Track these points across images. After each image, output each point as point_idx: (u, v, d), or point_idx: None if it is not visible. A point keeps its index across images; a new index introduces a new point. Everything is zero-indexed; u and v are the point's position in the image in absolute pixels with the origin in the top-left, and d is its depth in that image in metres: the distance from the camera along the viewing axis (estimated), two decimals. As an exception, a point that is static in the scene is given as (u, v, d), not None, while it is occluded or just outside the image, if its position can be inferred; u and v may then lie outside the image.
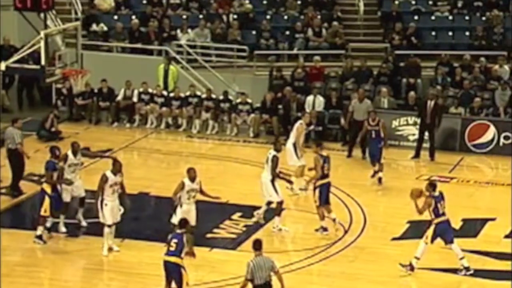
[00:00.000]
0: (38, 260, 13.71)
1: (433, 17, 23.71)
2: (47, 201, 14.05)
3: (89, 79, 20.35)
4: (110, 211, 13.48)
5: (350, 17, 24.06)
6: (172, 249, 11.63)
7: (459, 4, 23.87)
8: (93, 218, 14.34)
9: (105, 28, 22.61)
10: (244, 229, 14.98)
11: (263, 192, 14.79)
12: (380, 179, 17.13)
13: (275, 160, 14.65)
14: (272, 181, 14.66)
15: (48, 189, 14.12)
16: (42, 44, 17.04)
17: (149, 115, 21.10)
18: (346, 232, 14.91)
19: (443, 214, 13.20)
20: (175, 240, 11.67)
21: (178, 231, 11.81)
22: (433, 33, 23.28)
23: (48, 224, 14.26)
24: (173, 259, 11.60)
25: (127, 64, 21.81)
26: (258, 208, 15.22)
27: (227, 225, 15.10)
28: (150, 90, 21.22)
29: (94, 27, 22.60)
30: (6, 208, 15.83)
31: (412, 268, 13.29)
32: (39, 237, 14.07)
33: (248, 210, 15.55)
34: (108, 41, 22.70)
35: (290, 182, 15.26)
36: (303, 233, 14.95)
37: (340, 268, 13.63)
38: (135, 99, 21.19)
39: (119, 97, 21.26)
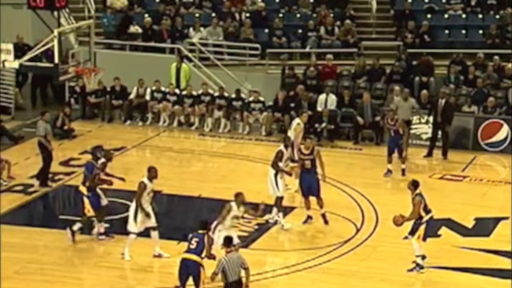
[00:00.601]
0: (51, 257, 13.76)
1: (446, 15, 23.62)
2: (86, 201, 14.04)
3: (102, 77, 20.41)
4: (144, 218, 13.31)
5: (363, 15, 24.02)
6: (192, 247, 11.63)
7: (473, 2, 23.76)
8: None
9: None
10: (256, 227, 15.00)
11: (268, 187, 14.83)
12: (403, 170, 17.52)
13: (279, 154, 14.80)
14: (276, 176, 14.71)
15: (84, 190, 14.08)
16: (55, 42, 17.11)
17: (161, 113, 21.14)
18: (358, 230, 14.91)
19: (430, 210, 13.28)
20: (196, 239, 11.66)
21: (200, 231, 11.78)
22: (446, 31, 23.19)
23: (101, 229, 14.21)
24: (193, 257, 11.59)
25: (140, 62, 21.86)
26: (270, 206, 15.26)
27: (239, 223, 15.07)
28: (162, 89, 21.26)
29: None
30: (19, 205, 15.92)
31: (421, 267, 13.28)
32: (73, 232, 13.99)
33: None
34: (120, 39, 22.78)
35: (289, 174, 15.26)
36: (315, 231, 14.95)
37: (352, 266, 13.62)
38: (147, 97, 21.23)
39: (132, 95, 21.31)
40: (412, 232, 13.29)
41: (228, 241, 11.41)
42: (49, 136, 16.64)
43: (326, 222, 14.94)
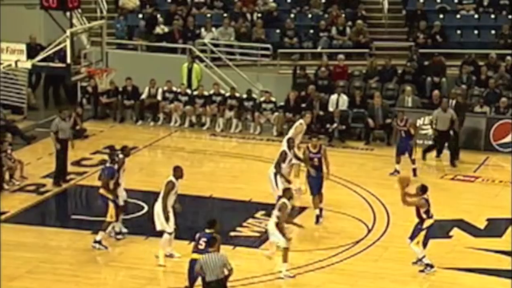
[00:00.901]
0: (63, 257, 13.81)
1: (458, 16, 23.56)
2: (111, 206, 13.84)
3: (114, 78, 20.47)
4: (172, 218, 13.34)
5: (375, 16, 23.98)
6: (201, 247, 11.58)
7: (485, 3, 23.69)
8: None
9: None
10: (267, 227, 14.98)
11: (268, 186, 14.97)
12: (414, 171, 17.39)
13: (282, 155, 14.96)
14: (275, 175, 14.83)
15: (109, 194, 13.88)
16: (67, 42, 17.18)
17: (173, 113, 21.18)
18: (369, 231, 14.89)
19: (432, 216, 13.28)
20: (204, 239, 11.61)
21: (207, 230, 11.72)
22: (459, 31, 23.13)
23: (117, 229, 14.19)
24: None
25: (152, 62, 21.91)
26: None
27: (251, 224, 15.13)
28: (174, 89, 21.30)
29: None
30: (32, 205, 15.99)
31: (431, 266, 13.27)
32: (99, 242, 13.89)
33: (271, 209, 15.54)
34: (132, 40, 22.84)
35: (288, 182, 15.29)
36: (327, 232, 14.94)
37: (364, 267, 13.60)
38: (159, 97, 21.28)
39: (144, 96, 21.37)
40: (412, 237, 13.29)
41: (212, 240, 11.36)
42: (61, 133, 16.65)
43: (320, 216, 15.04)
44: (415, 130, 17.73)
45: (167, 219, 13.31)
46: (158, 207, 13.42)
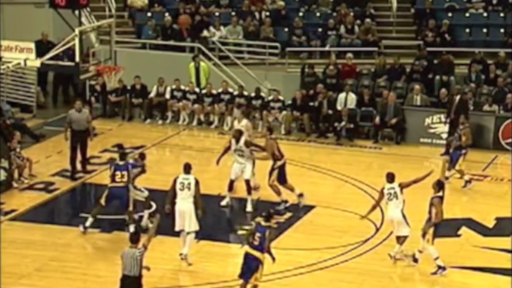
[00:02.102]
0: (71, 255, 13.86)
1: (467, 14, 23.51)
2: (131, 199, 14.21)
3: (122, 76, 20.49)
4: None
5: (383, 14, 23.96)
6: (256, 243, 11.55)
7: (494, 1, 23.64)
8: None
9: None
10: (275, 226, 14.99)
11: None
12: (447, 178, 16.79)
13: (227, 144, 15.90)
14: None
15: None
16: (76, 41, 17.21)
17: (181, 112, 21.21)
18: (377, 230, 14.88)
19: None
20: (258, 234, 11.56)
21: (263, 223, 11.63)
22: (467, 30, 23.08)
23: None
24: (256, 253, 11.61)
25: (160, 61, 21.94)
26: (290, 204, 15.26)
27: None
28: (182, 87, 21.33)
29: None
30: (40, 203, 16.04)
31: (444, 268, 13.24)
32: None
33: (280, 208, 15.56)
34: (141, 38, 22.87)
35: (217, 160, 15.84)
36: (334, 231, 14.94)
37: (372, 266, 13.60)
38: (167, 96, 21.31)
39: (152, 94, 21.40)
40: (423, 235, 13.25)
41: (133, 236, 11.41)
42: (74, 124, 16.72)
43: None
44: (465, 138, 16.84)
45: (196, 218, 13.32)
46: (189, 207, 13.37)
